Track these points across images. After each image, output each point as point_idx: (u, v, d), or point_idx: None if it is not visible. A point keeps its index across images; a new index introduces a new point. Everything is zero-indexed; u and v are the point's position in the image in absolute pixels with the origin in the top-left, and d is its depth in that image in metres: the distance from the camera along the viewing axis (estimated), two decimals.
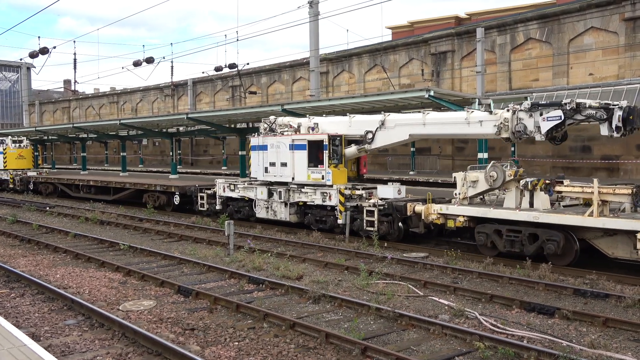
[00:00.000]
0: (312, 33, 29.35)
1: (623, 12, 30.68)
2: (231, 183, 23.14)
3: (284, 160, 20.34)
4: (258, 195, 21.52)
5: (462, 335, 9.25)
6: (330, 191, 19.04)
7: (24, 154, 43.16)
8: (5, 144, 42.63)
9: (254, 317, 10.47)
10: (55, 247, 18.07)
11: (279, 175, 20.63)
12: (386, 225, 17.69)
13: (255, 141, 21.78)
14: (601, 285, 12.43)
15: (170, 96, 64.07)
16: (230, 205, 23.13)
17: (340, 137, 19.42)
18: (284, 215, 20.67)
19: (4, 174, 42.17)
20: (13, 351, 6.96)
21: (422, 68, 40.28)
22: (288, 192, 20.36)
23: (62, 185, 36.25)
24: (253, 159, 21.89)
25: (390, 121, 18.26)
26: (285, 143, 20.26)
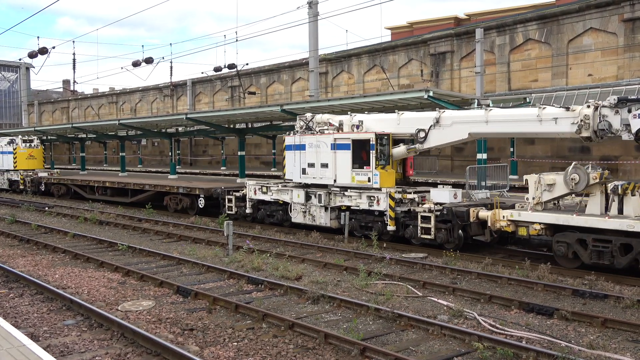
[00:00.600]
0: (311, 33, 29.36)
1: (622, 13, 30.71)
2: (263, 185, 21.77)
3: (325, 160, 19.00)
4: (294, 199, 20.15)
5: (461, 336, 9.26)
6: (378, 195, 17.62)
7: (34, 154, 41.41)
8: (16, 143, 40.95)
9: (253, 318, 10.46)
10: (54, 247, 18.06)
11: (318, 177, 19.26)
12: (444, 232, 16.16)
13: (291, 140, 20.34)
14: (600, 285, 12.43)
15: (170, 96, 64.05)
16: (261, 209, 21.85)
17: (388, 135, 18.06)
18: (324, 220, 19.25)
19: (15, 174, 40.88)
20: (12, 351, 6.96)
21: (422, 68, 40.29)
22: (329, 196, 19.03)
23: (76, 186, 34.88)
24: (288, 160, 20.52)
25: (447, 118, 16.87)
26: (326, 142, 18.93)
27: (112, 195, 31.43)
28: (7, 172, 41.40)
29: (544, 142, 33.52)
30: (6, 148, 40.89)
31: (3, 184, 41.88)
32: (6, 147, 40.89)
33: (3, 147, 41.16)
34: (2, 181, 41.91)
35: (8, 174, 41.35)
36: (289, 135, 20.66)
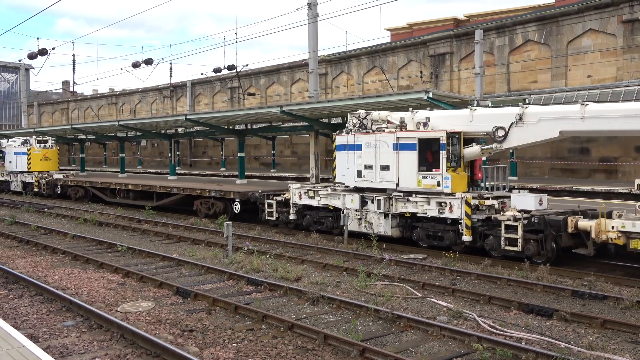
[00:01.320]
0: (311, 35, 29.37)
1: (621, 15, 30.74)
2: (310, 189, 20.12)
3: (386, 162, 17.25)
4: (347, 204, 18.48)
5: (460, 337, 9.27)
6: (451, 200, 15.87)
7: (49, 155, 39.51)
8: (30, 144, 39.02)
9: (252, 319, 10.47)
10: (53, 248, 18.06)
11: (377, 181, 17.55)
12: (534, 244, 14.40)
13: (343, 140, 18.65)
14: (599, 286, 12.44)
15: (169, 97, 64.06)
16: (307, 215, 20.27)
17: (459, 134, 16.36)
18: (383, 228, 17.54)
19: (29, 176, 38.91)
20: (12, 352, 6.96)
21: (421, 70, 40.32)
22: (389, 201, 17.30)
23: (95, 189, 33.23)
24: (339, 161, 18.87)
25: (532, 115, 15.16)
26: (387, 142, 17.16)
27: (135, 198, 29.93)
28: (21, 174, 39.72)
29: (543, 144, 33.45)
30: (20, 149, 39.26)
31: (17, 186, 40.19)
32: (20, 148, 39.26)
33: (17, 148, 39.57)
34: (16, 183, 40.26)
35: (22, 176, 39.64)
36: (340, 134, 18.97)
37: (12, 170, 40.40)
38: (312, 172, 26.92)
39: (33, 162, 38.69)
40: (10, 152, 40.15)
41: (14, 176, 40.30)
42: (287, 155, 50.81)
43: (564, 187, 25.49)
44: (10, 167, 40.48)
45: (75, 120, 74.54)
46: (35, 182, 37.77)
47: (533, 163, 33.63)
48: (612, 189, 24.11)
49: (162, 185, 28.24)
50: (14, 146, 39.86)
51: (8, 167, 40.86)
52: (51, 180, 36.93)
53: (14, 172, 40.29)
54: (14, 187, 40.43)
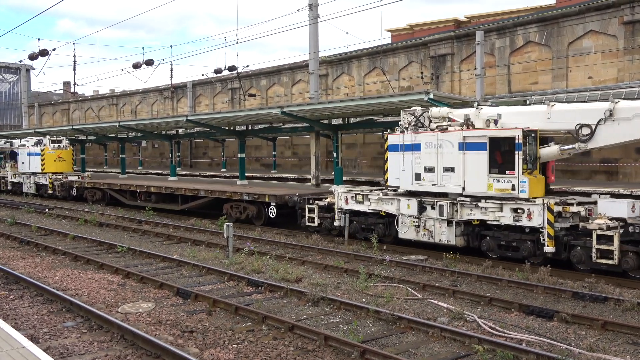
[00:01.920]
0: (311, 36, 29.37)
1: (622, 16, 30.73)
2: (358, 193, 18.60)
3: (450, 164, 15.68)
4: (402, 210, 16.98)
5: (461, 338, 9.26)
6: (530, 207, 14.28)
7: (63, 156, 37.98)
8: (44, 144, 37.39)
9: (252, 320, 10.46)
10: (54, 249, 18.06)
11: (439, 184, 16.00)
12: (633, 257, 12.89)
13: (397, 139, 17.17)
14: (600, 288, 12.43)
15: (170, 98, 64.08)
16: (354, 222, 18.83)
17: (535, 133, 14.87)
18: (446, 236, 15.94)
19: (42, 177, 37.24)
20: (12, 353, 6.95)
21: (422, 71, 40.31)
22: (453, 207, 15.77)
23: (114, 191, 31.76)
24: (392, 163, 17.48)
25: (625, 110, 13.57)
26: (451, 141, 15.63)
27: (157, 201, 28.48)
28: (34, 175, 38.18)
29: None
30: (33, 149, 37.80)
31: (30, 188, 38.73)
32: (33, 149, 37.80)
33: (30, 149, 38.14)
34: (29, 185, 38.81)
35: (35, 177, 38.06)
36: (394, 133, 17.45)
37: (25, 172, 39.14)
38: (313, 173, 26.91)
39: (47, 163, 37.25)
40: (23, 153, 38.87)
41: (27, 177, 39.04)
42: (288, 156, 50.81)
43: (564, 189, 25.44)
44: (23, 168, 39.25)
45: (76, 121, 74.56)
46: (50, 183, 36.33)
47: None
48: (613, 191, 24.06)
49: (187, 188, 26.67)
50: (27, 146, 38.53)
51: (21, 168, 39.61)
52: (66, 182, 35.58)
53: (27, 174, 39.00)
54: (26, 188, 39.10)
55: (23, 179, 39.51)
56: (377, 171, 42.48)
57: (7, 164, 43.28)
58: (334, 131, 25.52)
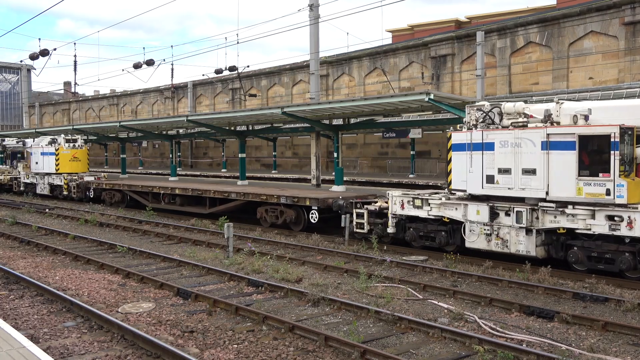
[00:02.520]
0: (312, 36, 29.37)
1: (623, 17, 30.74)
2: (416, 197, 16.89)
3: (530, 165, 14.04)
4: (470, 216, 15.30)
5: (461, 339, 9.25)
6: (631, 214, 12.56)
7: (78, 156, 36.17)
8: (58, 143, 35.74)
9: (253, 320, 10.46)
10: (54, 248, 18.06)
11: (517, 188, 14.34)
12: None
13: (464, 137, 15.54)
14: (600, 289, 12.42)
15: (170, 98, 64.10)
16: (411, 228, 17.16)
17: (632, 130, 13.30)
18: (524, 246, 14.19)
19: (57, 178, 35.60)
20: (12, 353, 6.95)
21: (422, 71, 40.34)
22: (533, 213, 14.07)
23: (134, 193, 29.95)
24: (457, 164, 15.74)
25: None
26: (532, 140, 13.99)
27: (182, 204, 27.01)
28: (48, 175, 36.42)
29: None
30: (47, 149, 36.03)
31: (43, 189, 37.03)
32: (47, 148, 36.03)
33: (43, 148, 36.34)
34: (43, 186, 37.04)
35: (49, 178, 36.31)
36: (459, 131, 15.86)
37: (38, 172, 37.34)
38: (313, 174, 26.92)
39: (61, 163, 35.50)
40: (37, 152, 37.10)
41: (41, 178, 37.25)
42: (288, 156, 50.83)
43: None
44: (36, 168, 37.48)
45: (77, 121, 74.62)
46: (65, 184, 34.65)
47: None
48: None
49: (217, 190, 24.96)
50: (40, 146, 36.79)
51: (34, 168, 37.84)
52: (82, 183, 33.95)
53: (40, 174, 37.20)
54: (40, 189, 37.37)
55: (36, 180, 37.88)
56: (377, 171, 42.50)
57: (20, 164, 42.20)
58: (334, 131, 25.52)
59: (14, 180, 41.07)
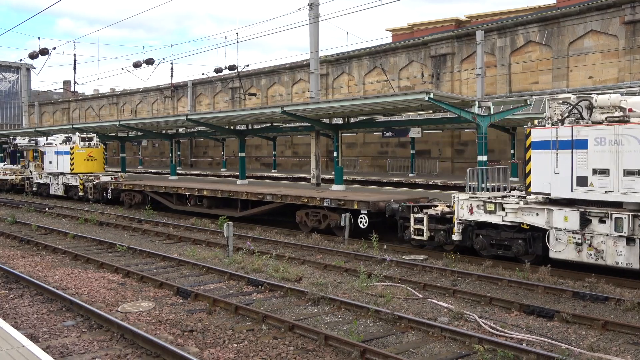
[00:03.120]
0: (312, 35, 29.36)
1: (623, 16, 30.73)
2: (488, 201, 15.20)
3: (634, 165, 12.52)
4: (556, 223, 13.67)
5: (461, 338, 9.24)
6: None
7: (94, 155, 34.71)
8: (73, 142, 34.23)
9: (252, 319, 10.45)
10: (54, 248, 18.05)
11: (617, 192, 12.76)
12: None
13: (547, 134, 13.99)
14: (600, 288, 12.42)
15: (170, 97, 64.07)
16: (480, 236, 15.53)
17: None
18: (624, 258, 12.60)
19: (72, 178, 34.04)
20: (11, 352, 6.94)
21: (422, 70, 40.33)
22: (636, 220, 12.47)
23: (157, 194, 28.17)
24: (539, 164, 14.19)
25: None
26: (637, 137, 12.49)
27: (210, 206, 25.24)
28: (62, 175, 34.86)
29: None
30: (61, 147, 34.48)
31: (57, 189, 35.46)
32: (61, 147, 34.51)
33: (58, 147, 34.82)
34: (57, 187, 35.51)
35: (64, 178, 34.77)
36: (540, 127, 14.31)
37: (52, 172, 35.77)
38: (313, 173, 26.91)
39: (77, 162, 33.91)
40: (50, 152, 35.53)
41: (55, 178, 35.70)
42: (288, 155, 50.82)
43: None
44: (50, 168, 35.85)
45: (76, 120, 74.61)
46: (80, 185, 33.12)
47: None
48: None
49: (250, 192, 23.06)
50: (54, 144, 35.31)
51: (47, 168, 36.20)
52: (99, 184, 32.25)
53: (54, 174, 35.60)
54: (54, 190, 35.83)
55: (50, 180, 36.27)
56: (377, 170, 42.47)
57: (32, 164, 40.68)
58: (334, 131, 25.52)
59: (26, 180, 39.56)
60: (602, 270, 13.43)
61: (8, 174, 41.81)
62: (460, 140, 38.48)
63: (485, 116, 19.64)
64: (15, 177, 40.66)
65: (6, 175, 41.81)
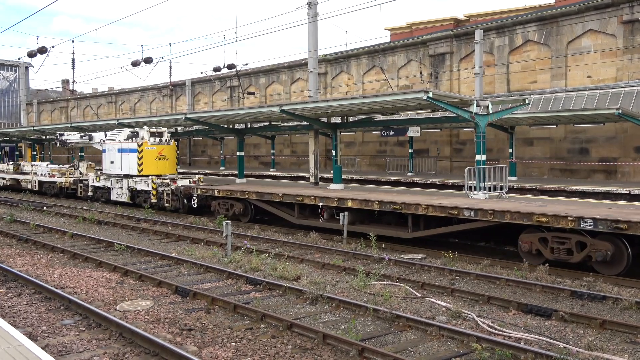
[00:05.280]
0: (310, 34, 29.35)
1: (621, 15, 30.73)
2: None
3: None
4: None
5: (459, 337, 9.26)
6: None
7: (166, 153, 28.74)
8: (141, 137, 28.49)
9: (251, 318, 10.46)
10: (52, 246, 18.05)
11: None
12: None
13: None
14: (598, 287, 12.45)
15: (169, 96, 64.02)
16: None
17: None
18: None
19: (141, 182, 27.97)
20: (10, 351, 6.94)
21: (421, 69, 40.31)
22: None
23: (268, 204, 22.37)
24: None
25: None
26: None
27: (353, 221, 19.00)
28: (128, 178, 28.84)
29: (543, 144, 33.57)
30: (126, 144, 28.78)
31: (121, 195, 29.39)
32: (126, 144, 28.79)
33: (122, 144, 29.02)
34: (120, 192, 29.47)
35: (130, 181, 28.68)
36: None
37: (112, 174, 30.07)
38: (312, 172, 26.91)
39: (146, 162, 28.19)
40: (112, 149, 29.91)
41: (117, 181, 29.76)
42: (287, 154, 50.81)
43: (563, 188, 25.51)
44: (111, 169, 30.01)
45: (75, 119, 74.50)
46: (153, 190, 27.28)
47: (532, 163, 33.63)
48: (611, 190, 24.11)
49: (432, 205, 16.76)
50: (117, 141, 29.56)
51: (108, 169, 30.32)
52: (179, 189, 26.26)
53: (116, 176, 29.80)
54: (116, 196, 29.86)
55: (111, 183, 30.19)
56: (375, 169, 42.47)
57: (82, 164, 35.99)
58: (332, 129, 25.51)
59: (78, 183, 33.92)
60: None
61: (56, 175, 35.99)
62: (459, 139, 38.50)
63: (483, 115, 19.65)
64: (65, 179, 34.76)
65: (53, 177, 35.96)
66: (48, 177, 36.36)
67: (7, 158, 51.94)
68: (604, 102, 30.18)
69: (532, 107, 31.39)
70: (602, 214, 13.87)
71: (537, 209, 15.38)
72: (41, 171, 37.71)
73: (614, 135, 30.79)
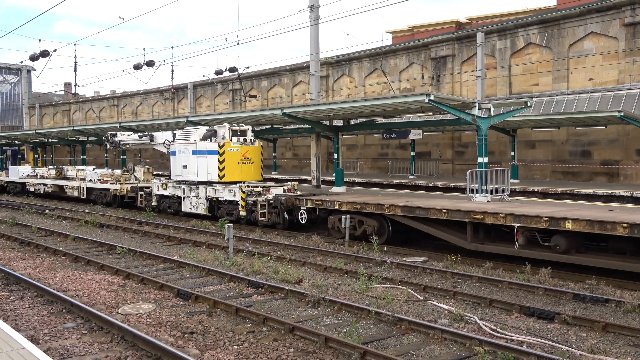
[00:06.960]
0: (312, 37, 29.38)
1: (623, 18, 30.73)
2: None
3: None
4: None
5: (461, 340, 9.24)
6: None
7: (250, 156, 24.08)
8: (221, 136, 23.82)
9: (253, 321, 10.45)
10: (54, 249, 18.05)
11: None
12: None
13: None
14: (601, 290, 12.41)
15: (171, 99, 64.10)
16: None
17: None
18: None
19: (224, 190, 23.36)
20: (12, 354, 6.94)
21: (422, 72, 40.34)
22: None
23: (414, 220, 17.45)
24: None
25: None
26: None
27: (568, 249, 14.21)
28: (206, 186, 24.22)
29: (545, 146, 33.54)
30: (204, 145, 24.08)
31: (195, 206, 24.86)
32: (203, 144, 24.11)
33: (198, 144, 24.34)
34: (195, 202, 24.84)
35: (209, 190, 24.11)
36: None
37: (183, 180, 25.39)
38: (314, 175, 26.92)
39: (228, 166, 23.51)
40: (184, 151, 25.06)
41: (190, 190, 25.07)
42: (289, 157, 50.82)
43: (565, 190, 25.48)
44: (182, 174, 25.29)
45: (77, 122, 74.61)
46: (242, 203, 22.55)
47: (534, 166, 33.60)
48: (613, 192, 24.09)
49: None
50: (192, 141, 24.74)
51: (177, 174, 25.63)
52: (279, 200, 21.41)
53: (189, 183, 25.14)
54: (189, 207, 25.23)
55: (183, 192, 25.50)
56: (377, 172, 42.46)
57: (139, 168, 31.56)
58: (334, 132, 25.52)
59: (138, 190, 29.04)
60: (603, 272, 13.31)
61: (109, 181, 31.11)
62: (461, 142, 38.48)
63: (485, 118, 19.64)
64: (121, 186, 29.82)
65: (105, 183, 31.18)
66: (99, 184, 31.68)
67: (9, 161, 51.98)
68: (606, 105, 30.15)
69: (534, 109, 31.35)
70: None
71: None
72: (89, 176, 33.23)
73: (616, 138, 30.76)
